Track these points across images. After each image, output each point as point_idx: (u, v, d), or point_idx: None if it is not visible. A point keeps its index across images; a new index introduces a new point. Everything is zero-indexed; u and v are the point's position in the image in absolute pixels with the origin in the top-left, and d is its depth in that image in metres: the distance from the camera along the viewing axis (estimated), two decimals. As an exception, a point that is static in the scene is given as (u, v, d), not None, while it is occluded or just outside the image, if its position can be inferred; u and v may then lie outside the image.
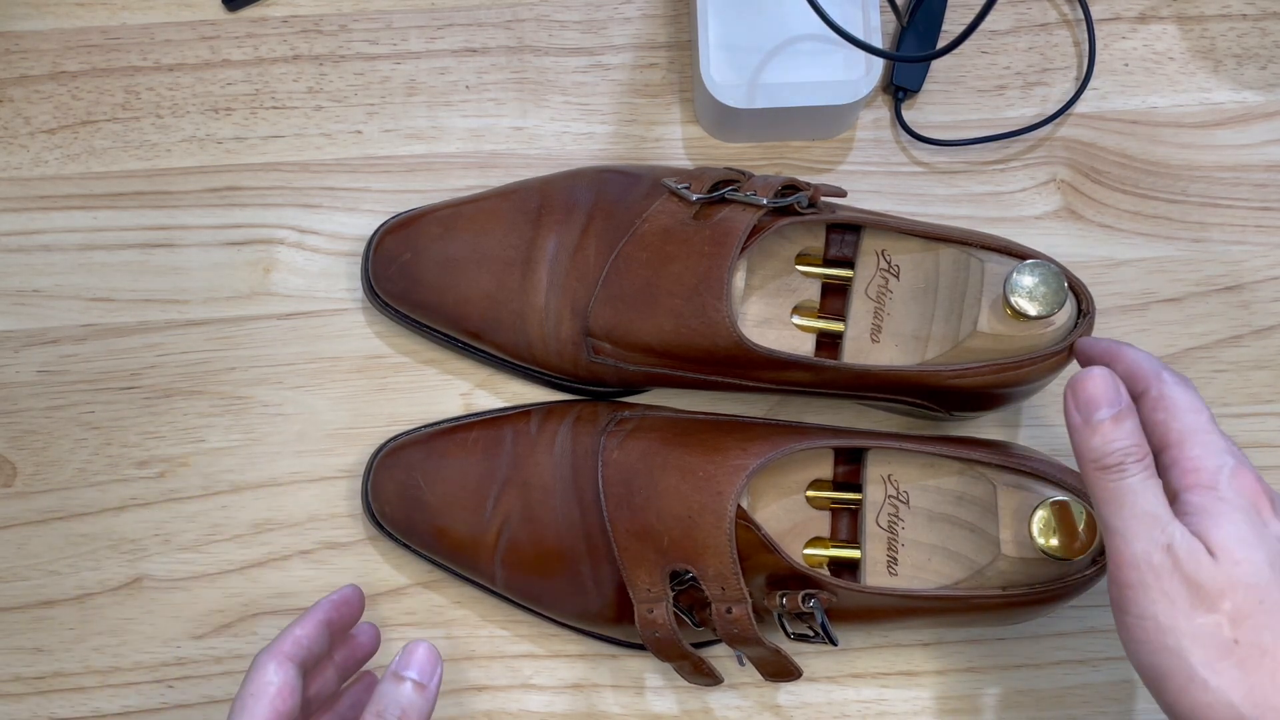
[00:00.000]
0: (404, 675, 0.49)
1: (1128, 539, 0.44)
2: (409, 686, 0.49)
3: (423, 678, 0.49)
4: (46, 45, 0.65)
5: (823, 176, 0.65)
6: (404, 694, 0.49)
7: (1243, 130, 0.65)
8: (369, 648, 0.57)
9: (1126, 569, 0.44)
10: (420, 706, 0.49)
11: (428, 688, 0.49)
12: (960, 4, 0.66)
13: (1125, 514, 0.44)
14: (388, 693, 0.49)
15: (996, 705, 0.61)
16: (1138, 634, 0.44)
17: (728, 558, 0.52)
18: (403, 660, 0.50)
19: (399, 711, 0.48)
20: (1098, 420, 0.46)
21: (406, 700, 0.48)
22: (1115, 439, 0.45)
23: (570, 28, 0.65)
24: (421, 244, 0.60)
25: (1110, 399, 0.46)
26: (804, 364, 0.55)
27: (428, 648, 0.50)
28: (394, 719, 0.48)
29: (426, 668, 0.49)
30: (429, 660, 0.50)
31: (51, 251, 0.63)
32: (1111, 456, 0.45)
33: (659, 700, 0.61)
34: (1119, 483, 0.45)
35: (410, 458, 0.59)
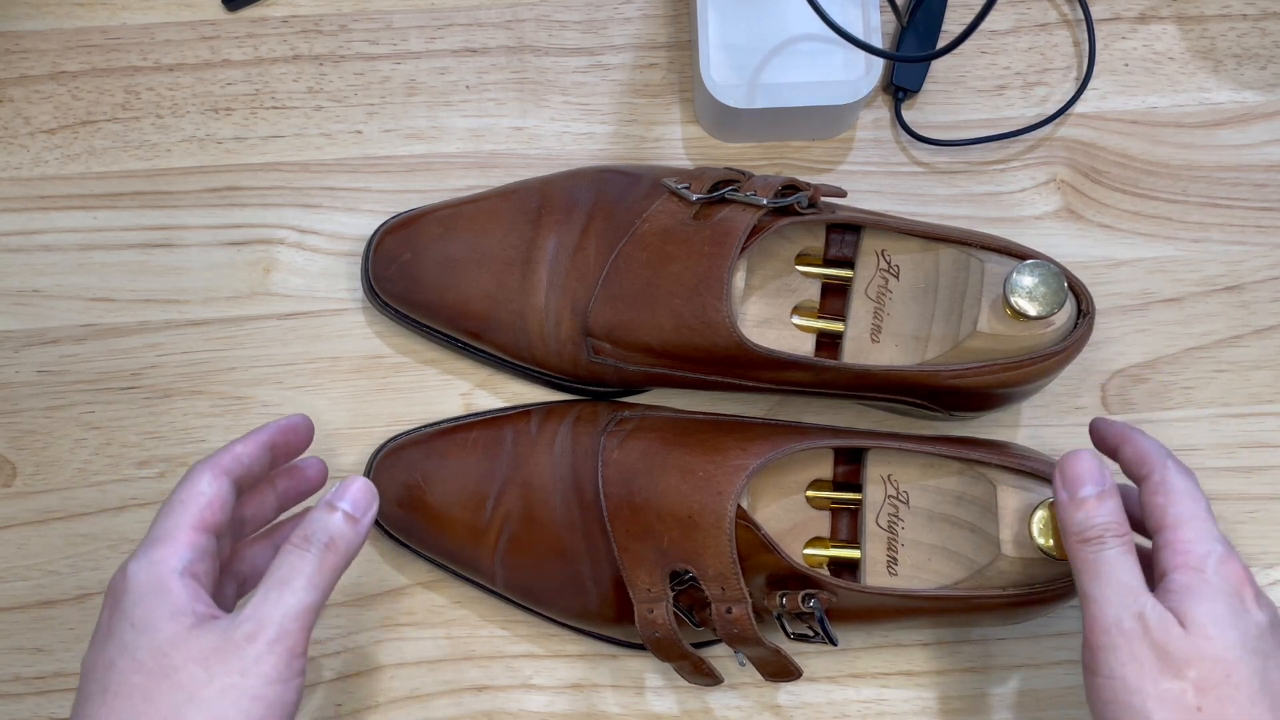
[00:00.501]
0: (337, 505, 0.48)
1: (1102, 605, 0.47)
2: (340, 516, 0.48)
3: (356, 511, 0.48)
4: (46, 45, 0.65)
5: (823, 176, 0.65)
6: (334, 522, 0.48)
7: (1243, 130, 0.65)
8: (314, 481, 0.56)
9: (1099, 633, 0.47)
10: (349, 538, 0.48)
11: (360, 522, 0.48)
12: (960, 4, 0.66)
13: (1101, 583, 0.47)
14: (317, 519, 0.48)
15: (996, 705, 0.61)
16: (1105, 693, 0.46)
17: (728, 558, 0.52)
18: (338, 492, 0.49)
19: (326, 538, 0.47)
20: (1082, 497, 0.49)
21: (336, 529, 0.48)
22: (1097, 515, 0.48)
23: (570, 28, 0.65)
24: (421, 244, 0.60)
25: (1095, 478, 0.49)
26: (804, 364, 0.55)
27: (364, 483, 0.49)
28: (320, 544, 0.47)
29: (361, 502, 0.49)
30: (364, 496, 0.49)
31: (51, 251, 0.63)
32: (1092, 530, 0.48)
33: (659, 700, 0.61)
34: (1098, 554, 0.48)
35: (410, 458, 0.59)
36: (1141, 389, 0.63)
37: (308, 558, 0.47)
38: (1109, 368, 0.63)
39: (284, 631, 0.45)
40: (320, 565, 0.47)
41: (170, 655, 0.44)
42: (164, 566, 0.46)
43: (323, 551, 0.47)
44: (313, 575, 0.46)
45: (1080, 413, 0.63)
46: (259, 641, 0.45)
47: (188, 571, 0.46)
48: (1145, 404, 0.63)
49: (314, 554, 0.47)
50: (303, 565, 0.47)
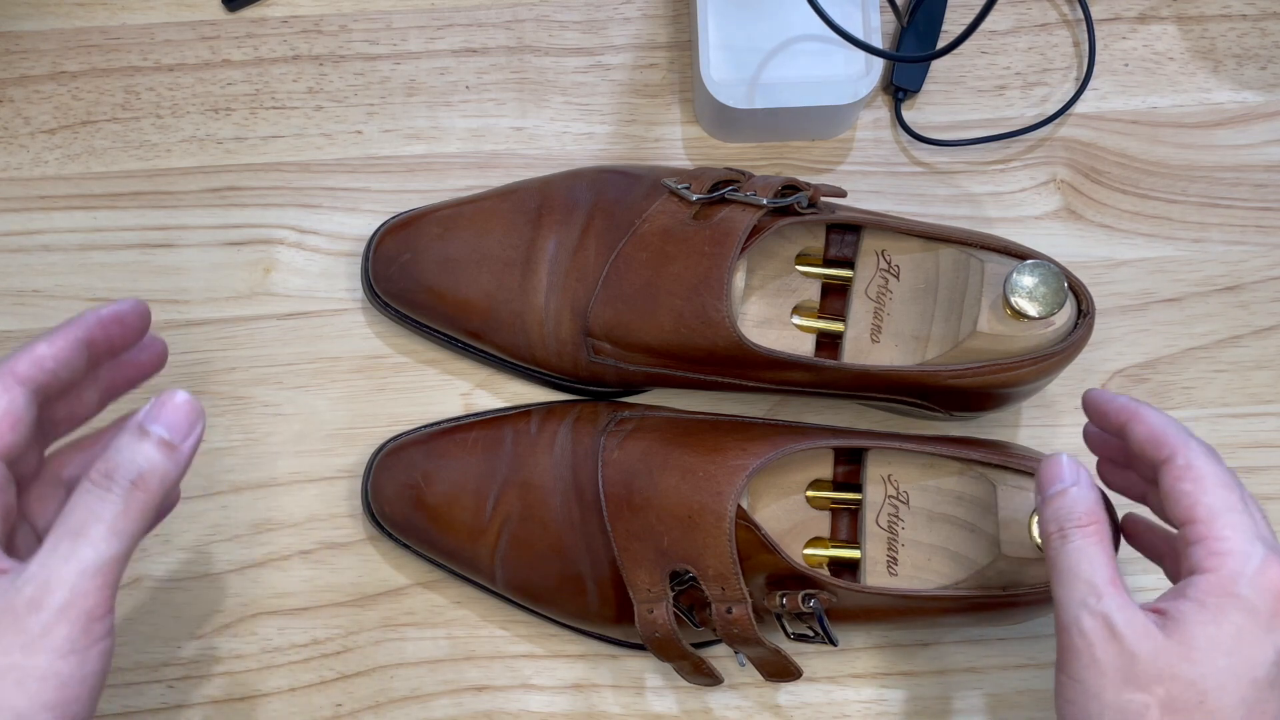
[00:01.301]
0: (149, 429, 0.39)
1: (1062, 604, 0.44)
2: (153, 444, 0.39)
3: (174, 435, 0.39)
4: (46, 45, 0.65)
5: (823, 176, 0.65)
6: (144, 453, 0.39)
7: (1243, 130, 0.65)
8: (147, 367, 0.46)
9: (1061, 632, 0.44)
10: (163, 470, 0.39)
11: (178, 449, 0.39)
12: (960, 4, 0.66)
13: (1060, 579, 0.44)
14: (124, 449, 0.39)
15: (996, 705, 0.61)
16: (1068, 692, 0.43)
17: (728, 558, 0.52)
18: (150, 411, 0.40)
19: (134, 473, 0.38)
20: (1049, 495, 0.46)
21: (146, 461, 0.39)
22: (1061, 507, 0.46)
23: (570, 28, 0.65)
24: (421, 244, 0.60)
25: (1062, 476, 0.46)
26: (804, 364, 0.55)
27: (187, 399, 0.40)
28: (125, 481, 0.38)
29: (180, 425, 0.40)
30: (184, 416, 0.40)
31: (51, 251, 0.63)
32: (1051, 524, 0.46)
33: (659, 700, 0.61)
34: (1059, 549, 0.45)
35: (410, 458, 0.59)
36: (1141, 389, 0.63)
37: (109, 499, 0.38)
38: (1109, 368, 0.63)
39: (78, 593, 0.37)
40: (125, 508, 0.38)
41: None
42: None
43: (128, 491, 0.38)
44: (115, 521, 0.38)
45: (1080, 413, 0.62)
46: (46, 609, 0.37)
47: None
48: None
49: (117, 494, 0.38)
50: (102, 509, 0.38)
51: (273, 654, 0.60)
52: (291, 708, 0.60)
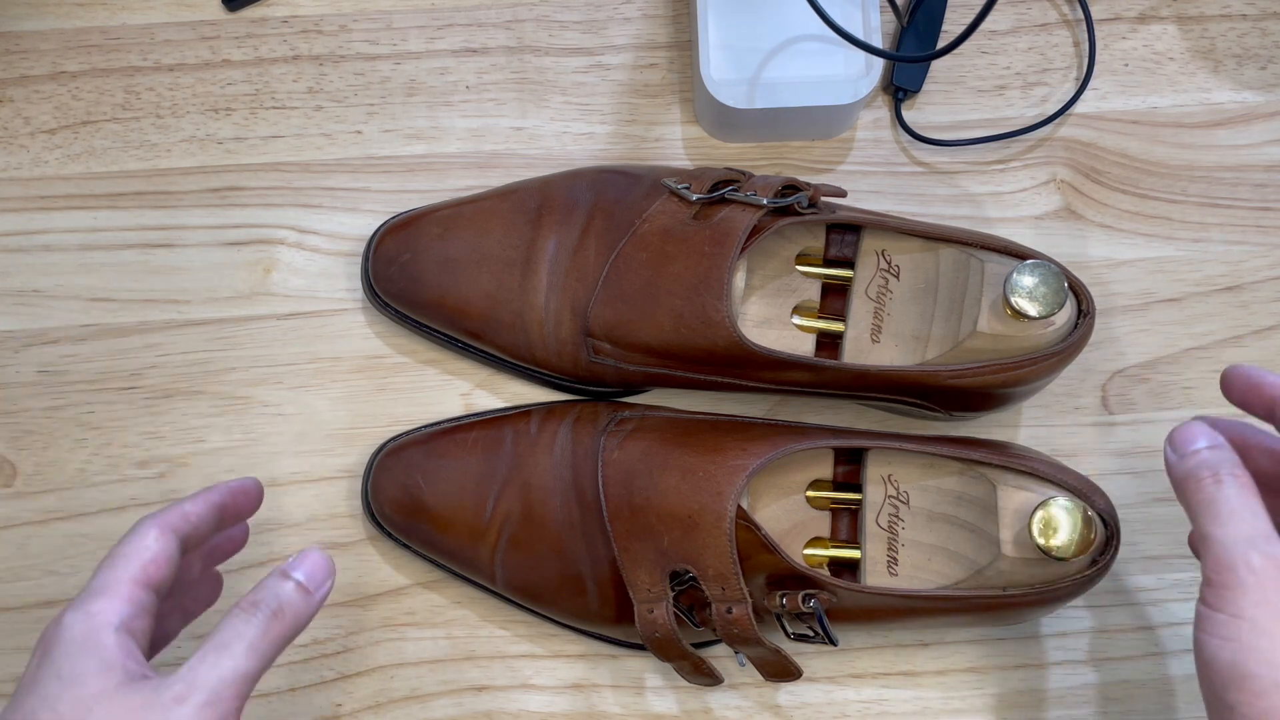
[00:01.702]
0: (290, 574, 0.46)
1: (1226, 544, 0.44)
2: (292, 586, 0.46)
3: (310, 583, 0.46)
4: (46, 45, 0.65)
5: (823, 176, 0.65)
6: (285, 591, 0.46)
7: (1243, 130, 0.65)
8: (237, 540, 0.54)
9: (1225, 572, 0.44)
10: (298, 608, 0.46)
11: (313, 595, 0.46)
12: (960, 4, 0.66)
13: (1223, 520, 0.44)
14: (269, 585, 0.46)
15: (996, 705, 0.61)
16: (1227, 630, 0.43)
17: (728, 558, 0.52)
18: (295, 562, 0.47)
19: (275, 605, 0.45)
20: (1192, 450, 0.47)
21: (286, 597, 0.45)
22: (1209, 458, 0.46)
23: (570, 28, 0.65)
24: (421, 244, 0.60)
25: (1207, 437, 0.47)
26: (804, 364, 0.55)
27: (322, 557, 0.47)
28: (267, 610, 0.45)
29: (317, 575, 0.47)
30: (321, 569, 0.47)
31: (51, 251, 0.63)
32: (1204, 469, 0.46)
33: (659, 700, 0.61)
34: (1216, 491, 0.45)
35: (410, 458, 0.59)
36: (1141, 389, 0.63)
37: (252, 622, 0.44)
38: (1109, 368, 0.63)
39: (216, 697, 0.43)
40: (265, 632, 0.44)
41: (94, 711, 0.42)
42: (101, 619, 0.44)
43: (269, 619, 0.45)
44: (255, 641, 0.44)
45: (1080, 413, 0.63)
46: (188, 704, 0.42)
47: (124, 627, 0.44)
48: (1145, 404, 0.63)
49: (259, 619, 0.45)
50: (245, 630, 0.44)
51: (273, 654, 0.60)
52: (291, 708, 0.60)
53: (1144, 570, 0.62)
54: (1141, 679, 0.61)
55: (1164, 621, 0.61)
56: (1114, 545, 0.54)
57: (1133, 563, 0.61)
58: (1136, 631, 0.61)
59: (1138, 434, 0.62)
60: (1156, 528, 0.62)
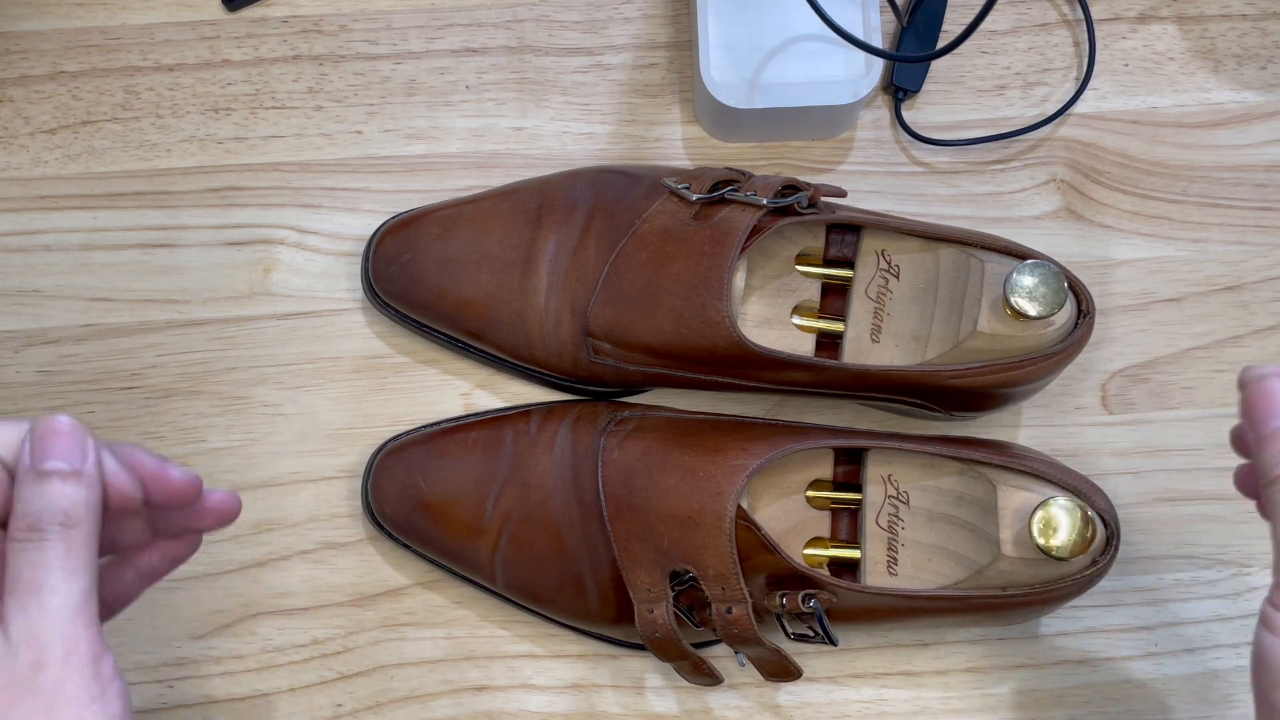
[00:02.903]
0: (45, 469, 0.38)
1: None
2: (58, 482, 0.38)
3: (72, 463, 0.38)
4: (46, 45, 0.65)
5: (823, 176, 0.65)
6: (57, 493, 0.37)
7: (1243, 130, 0.65)
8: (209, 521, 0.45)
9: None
10: (84, 500, 0.38)
11: (84, 472, 0.38)
12: (960, 4, 0.66)
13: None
14: (33, 498, 0.37)
15: (996, 705, 0.61)
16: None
17: (728, 558, 0.52)
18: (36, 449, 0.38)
19: (60, 517, 0.37)
20: (1270, 432, 0.42)
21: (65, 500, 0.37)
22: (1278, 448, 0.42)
23: (570, 28, 0.65)
24: (421, 244, 0.60)
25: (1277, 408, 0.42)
26: (804, 364, 0.55)
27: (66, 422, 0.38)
28: (55, 525, 0.37)
29: (71, 449, 0.38)
30: (70, 437, 0.38)
31: (51, 251, 0.63)
32: (1276, 467, 0.42)
33: (659, 700, 0.61)
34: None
35: (410, 458, 0.59)
36: (1141, 389, 0.63)
37: (49, 548, 0.37)
38: (1109, 368, 0.63)
39: (70, 640, 0.37)
40: (68, 548, 0.37)
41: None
42: None
43: (62, 534, 0.37)
44: (65, 562, 0.37)
45: (1080, 413, 0.63)
46: (49, 666, 0.36)
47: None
48: (1145, 404, 0.63)
49: (54, 540, 0.37)
50: (47, 558, 0.37)
51: (273, 654, 0.60)
52: (291, 708, 0.60)
53: (1144, 570, 0.62)
54: (1141, 679, 0.61)
55: (1164, 621, 0.61)
56: (1114, 545, 0.54)
57: (1133, 563, 0.61)
58: (1136, 631, 0.61)
59: (1138, 434, 0.62)
60: (1156, 528, 0.62)
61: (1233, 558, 0.61)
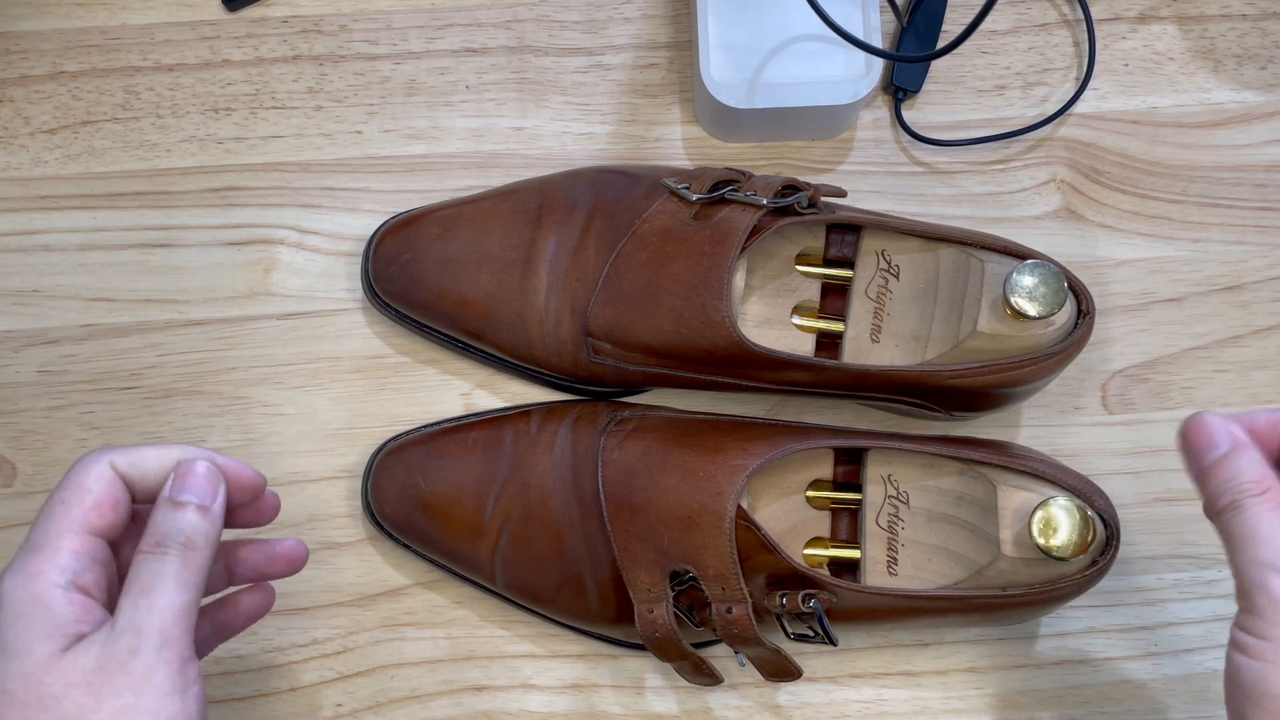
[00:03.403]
0: (180, 500, 0.43)
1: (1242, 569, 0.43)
2: (190, 512, 0.43)
3: (203, 500, 0.44)
4: (46, 45, 0.65)
5: (823, 176, 0.65)
6: (185, 520, 0.43)
7: (1243, 130, 0.65)
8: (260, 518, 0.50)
9: (1245, 596, 0.43)
10: (205, 530, 0.43)
11: (210, 510, 0.44)
12: (960, 4, 0.66)
13: (1241, 544, 0.44)
14: (165, 520, 0.43)
15: (996, 705, 0.61)
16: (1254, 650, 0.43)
17: (728, 558, 0.52)
18: (176, 485, 0.43)
19: (182, 536, 0.43)
20: (1207, 466, 0.45)
21: (189, 526, 0.43)
22: (1224, 475, 0.45)
23: (570, 28, 0.65)
24: (421, 244, 0.60)
25: (1215, 441, 0.45)
26: (804, 364, 0.55)
27: (206, 468, 0.44)
28: (178, 544, 0.42)
29: (205, 490, 0.44)
30: (208, 480, 0.44)
31: (51, 251, 0.63)
32: (1222, 497, 0.45)
33: (659, 700, 0.61)
34: (1234, 518, 0.44)
35: (410, 458, 0.59)
36: (1141, 389, 0.63)
37: (168, 559, 0.42)
38: (1109, 368, 0.63)
39: (167, 637, 0.41)
40: (185, 563, 0.42)
41: (47, 683, 0.40)
42: (43, 579, 0.41)
43: (183, 551, 0.43)
44: (179, 574, 0.42)
45: (1080, 413, 0.63)
46: (145, 653, 0.40)
47: (73, 584, 0.41)
48: (1145, 404, 0.63)
49: (174, 554, 0.42)
50: (165, 568, 0.42)
51: (273, 654, 0.60)
52: (291, 708, 0.60)
53: (1144, 570, 0.62)
54: (1141, 679, 0.61)
55: (1164, 621, 0.61)
56: (1114, 545, 0.54)
57: (1133, 563, 0.61)
58: (1136, 631, 0.61)
59: (1138, 434, 0.62)
60: (1156, 528, 0.62)
61: (1233, 558, 0.61)
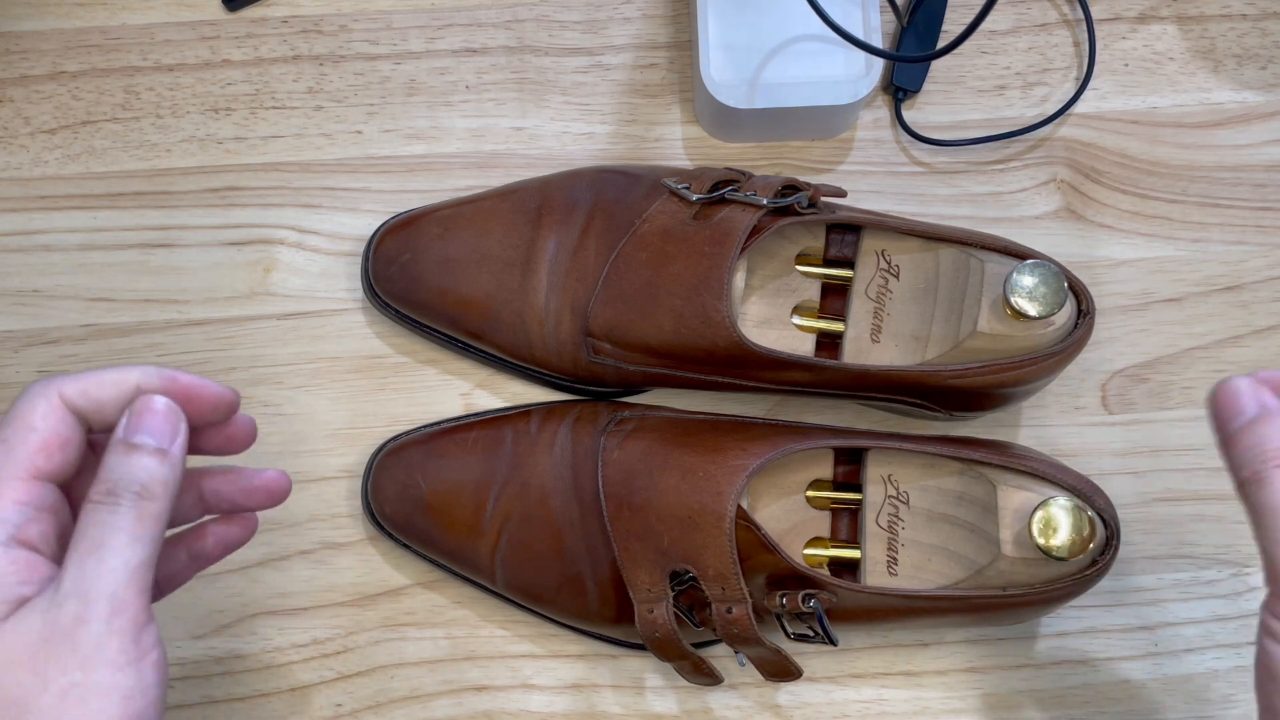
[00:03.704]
0: (135, 442, 0.39)
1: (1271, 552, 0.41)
2: (145, 456, 0.39)
3: (161, 442, 0.39)
4: (46, 45, 0.65)
5: (823, 176, 0.65)
6: (139, 465, 0.39)
7: (1243, 130, 0.65)
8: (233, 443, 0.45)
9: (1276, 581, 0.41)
10: (163, 475, 0.39)
11: (170, 453, 0.39)
12: (960, 4, 0.66)
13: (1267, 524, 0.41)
14: (117, 465, 0.39)
15: (996, 705, 0.61)
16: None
17: (728, 558, 0.52)
18: (131, 423, 0.39)
19: (137, 484, 0.38)
20: (1233, 432, 0.43)
21: (144, 472, 0.39)
22: (1250, 444, 0.42)
23: (570, 28, 0.65)
24: (421, 244, 0.60)
25: (1245, 409, 0.43)
26: (804, 364, 0.55)
27: (165, 404, 0.40)
28: (132, 494, 0.38)
29: (165, 429, 0.39)
30: (167, 419, 0.40)
31: (51, 251, 0.63)
32: (1245, 467, 0.42)
33: (659, 700, 0.61)
34: (1258, 493, 0.42)
35: (410, 458, 0.59)
36: (1141, 389, 0.63)
37: (120, 511, 0.38)
38: (1109, 368, 0.63)
39: (118, 602, 0.37)
40: (139, 515, 0.38)
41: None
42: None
43: (136, 501, 0.38)
44: (132, 529, 0.38)
45: (1080, 413, 0.63)
46: (93, 622, 0.36)
47: (15, 539, 0.38)
48: (1145, 404, 0.63)
49: (127, 505, 0.38)
50: (117, 521, 0.38)
51: (273, 654, 0.60)
52: (291, 708, 0.60)
53: (1144, 570, 0.62)
54: (1141, 679, 0.61)
55: (1164, 621, 0.61)
56: (1114, 545, 0.54)
57: (1133, 563, 0.61)
58: (1136, 631, 0.61)
59: (1138, 434, 0.62)
60: (1156, 528, 0.62)
61: (1233, 558, 0.61)
